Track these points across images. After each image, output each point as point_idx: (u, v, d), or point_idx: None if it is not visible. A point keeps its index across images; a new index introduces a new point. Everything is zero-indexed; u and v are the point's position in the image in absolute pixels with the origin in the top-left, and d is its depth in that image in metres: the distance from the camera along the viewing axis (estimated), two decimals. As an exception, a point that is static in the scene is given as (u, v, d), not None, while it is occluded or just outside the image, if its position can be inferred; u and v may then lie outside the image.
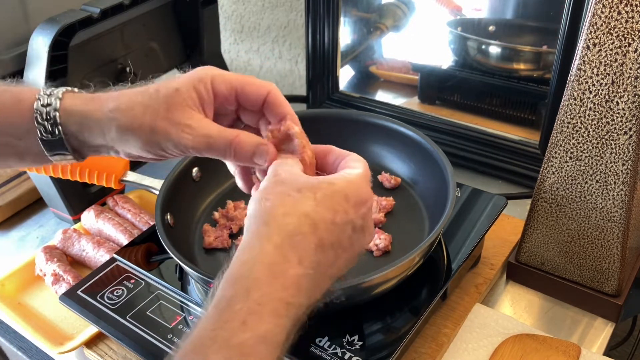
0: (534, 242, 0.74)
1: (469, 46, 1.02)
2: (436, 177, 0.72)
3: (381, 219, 0.74)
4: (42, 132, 0.47)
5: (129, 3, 0.86)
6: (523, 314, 0.74)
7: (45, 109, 0.47)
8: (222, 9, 1.40)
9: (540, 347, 0.67)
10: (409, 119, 1.05)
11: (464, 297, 0.73)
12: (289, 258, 0.40)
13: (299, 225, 0.42)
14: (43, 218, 0.98)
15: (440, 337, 0.68)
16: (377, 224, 0.74)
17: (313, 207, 0.42)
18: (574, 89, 0.62)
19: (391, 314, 0.64)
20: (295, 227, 0.41)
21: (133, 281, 0.71)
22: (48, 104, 0.47)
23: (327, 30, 1.09)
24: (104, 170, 0.76)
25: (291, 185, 0.44)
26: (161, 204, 0.69)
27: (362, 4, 1.13)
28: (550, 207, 0.70)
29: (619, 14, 0.57)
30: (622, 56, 0.58)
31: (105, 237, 0.85)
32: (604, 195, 0.66)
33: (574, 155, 0.66)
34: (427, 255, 0.66)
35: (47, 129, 0.47)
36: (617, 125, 0.61)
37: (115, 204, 0.89)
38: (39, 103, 0.47)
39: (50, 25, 0.78)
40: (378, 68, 1.16)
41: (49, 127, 0.47)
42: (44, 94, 0.48)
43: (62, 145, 0.48)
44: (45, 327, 0.74)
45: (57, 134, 0.47)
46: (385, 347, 0.61)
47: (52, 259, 0.80)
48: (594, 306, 0.73)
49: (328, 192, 0.44)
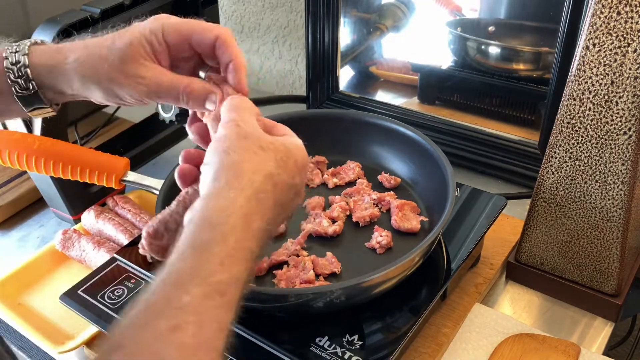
0: (533, 242, 0.74)
1: (468, 46, 1.02)
2: (436, 177, 0.72)
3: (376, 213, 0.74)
4: (18, 90, 0.50)
5: (130, 3, 0.87)
6: (522, 314, 0.74)
7: (15, 67, 0.50)
8: (222, 9, 1.40)
9: (539, 346, 0.67)
10: (409, 119, 1.05)
11: (464, 296, 0.73)
12: (255, 212, 0.44)
13: (264, 184, 0.45)
14: (43, 218, 0.98)
15: (440, 336, 0.68)
16: (373, 218, 0.74)
17: (275, 168, 0.46)
18: (574, 89, 0.63)
19: (391, 313, 0.65)
20: (261, 185, 0.45)
21: (134, 281, 0.71)
22: (17, 61, 0.50)
23: (327, 30, 1.09)
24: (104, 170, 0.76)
25: (254, 142, 0.46)
26: (161, 204, 0.69)
27: (362, 4, 1.13)
28: (550, 207, 0.70)
29: (618, 14, 0.57)
30: (622, 56, 0.58)
31: (106, 237, 0.85)
32: (604, 195, 0.66)
33: (574, 155, 0.66)
34: (427, 255, 0.66)
35: (21, 86, 0.50)
36: (617, 125, 0.61)
37: (115, 204, 0.90)
38: (8, 62, 0.50)
39: (51, 25, 0.78)
40: (378, 68, 1.16)
41: (23, 84, 0.50)
42: (11, 52, 0.50)
43: (38, 99, 0.51)
44: (46, 327, 0.75)
45: (31, 88, 0.50)
46: (385, 347, 0.61)
47: None
48: (594, 306, 0.73)
49: (284, 156, 0.47)
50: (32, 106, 0.52)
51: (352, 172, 0.81)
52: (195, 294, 0.38)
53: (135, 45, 0.50)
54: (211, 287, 0.39)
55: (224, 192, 0.43)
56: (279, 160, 0.46)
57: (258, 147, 0.46)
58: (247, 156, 0.45)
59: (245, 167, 0.45)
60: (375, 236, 0.70)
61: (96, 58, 0.50)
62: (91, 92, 0.51)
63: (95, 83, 0.50)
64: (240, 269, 0.41)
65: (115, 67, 0.49)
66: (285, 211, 0.48)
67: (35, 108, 0.52)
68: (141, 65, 0.50)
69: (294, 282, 0.65)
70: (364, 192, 0.77)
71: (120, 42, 0.50)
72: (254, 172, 0.45)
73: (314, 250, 0.70)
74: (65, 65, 0.50)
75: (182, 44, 0.51)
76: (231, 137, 0.47)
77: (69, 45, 0.51)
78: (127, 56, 0.49)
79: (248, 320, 0.63)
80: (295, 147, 0.49)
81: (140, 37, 0.50)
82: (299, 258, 0.68)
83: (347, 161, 0.82)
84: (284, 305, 0.62)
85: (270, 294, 0.61)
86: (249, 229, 0.43)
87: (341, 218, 0.74)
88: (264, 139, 0.47)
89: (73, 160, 0.75)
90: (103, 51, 0.50)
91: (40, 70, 0.50)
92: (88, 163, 0.76)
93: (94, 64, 0.50)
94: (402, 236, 0.72)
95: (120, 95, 0.51)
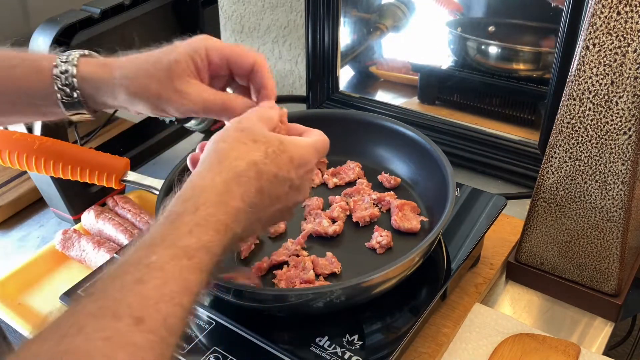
0: (533, 242, 0.74)
1: (468, 46, 1.02)
2: (436, 177, 0.72)
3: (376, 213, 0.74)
4: (63, 96, 0.55)
5: (130, 3, 0.87)
6: (522, 314, 0.74)
7: (63, 76, 0.54)
8: (222, 10, 1.40)
9: (539, 346, 0.67)
10: (409, 119, 1.05)
11: (464, 296, 0.73)
12: (233, 192, 0.47)
13: (247, 170, 0.48)
14: (43, 218, 0.98)
15: (440, 336, 0.68)
16: (373, 218, 0.74)
17: (262, 158, 0.49)
18: (574, 89, 0.63)
19: (391, 313, 0.65)
20: (243, 170, 0.48)
21: (133, 281, 0.71)
22: (65, 70, 0.54)
23: (327, 30, 1.09)
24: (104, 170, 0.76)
25: (248, 135, 0.50)
26: (161, 204, 0.69)
27: (362, 4, 1.13)
28: (550, 207, 0.70)
29: (618, 14, 0.57)
30: (622, 56, 0.58)
31: (106, 237, 0.85)
32: (604, 195, 0.66)
33: (574, 155, 0.66)
34: (427, 255, 0.66)
35: (66, 93, 0.54)
36: (617, 125, 0.61)
37: (115, 204, 0.90)
38: (58, 70, 0.54)
39: (51, 25, 0.78)
40: (378, 68, 1.16)
41: (68, 92, 0.54)
42: (61, 62, 0.54)
43: (80, 106, 0.56)
44: (46, 327, 0.75)
45: (75, 97, 0.55)
46: (385, 347, 0.61)
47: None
48: (594, 306, 0.73)
49: (277, 150, 0.50)
50: (73, 111, 0.56)
51: (352, 172, 0.81)
52: (163, 254, 0.41)
53: (181, 62, 0.53)
54: (179, 249, 0.42)
55: (203, 173, 0.48)
56: (270, 152, 0.49)
57: (250, 140, 0.50)
58: (235, 145, 0.49)
59: (230, 154, 0.48)
60: (375, 236, 0.70)
61: (143, 75, 0.54)
62: (136, 105, 0.55)
63: (144, 99, 0.54)
64: (211, 239, 0.44)
65: (163, 83, 0.53)
66: (280, 202, 0.51)
67: (76, 113, 0.57)
68: (186, 82, 0.54)
69: (294, 282, 0.65)
70: (364, 192, 0.77)
71: (167, 60, 0.54)
72: (236, 159, 0.48)
73: (314, 250, 0.70)
74: (112, 80, 0.54)
75: (222, 64, 0.56)
76: (229, 130, 0.51)
77: (115, 61, 0.56)
78: (174, 73, 0.53)
79: (248, 320, 0.64)
80: (293, 145, 0.52)
81: (185, 55, 0.54)
82: (299, 258, 0.68)
83: (347, 161, 0.82)
84: (284, 305, 0.62)
85: (270, 294, 0.61)
86: (225, 206, 0.46)
87: (341, 218, 0.74)
88: (260, 133, 0.51)
89: (73, 160, 0.75)
90: (150, 68, 0.54)
91: (86, 81, 0.54)
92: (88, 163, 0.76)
93: (142, 80, 0.54)
94: (402, 236, 0.72)
95: (167, 109, 0.55)
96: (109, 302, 0.38)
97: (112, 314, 0.38)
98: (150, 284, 0.40)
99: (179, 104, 0.54)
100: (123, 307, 0.38)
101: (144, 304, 0.39)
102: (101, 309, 0.38)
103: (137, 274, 0.40)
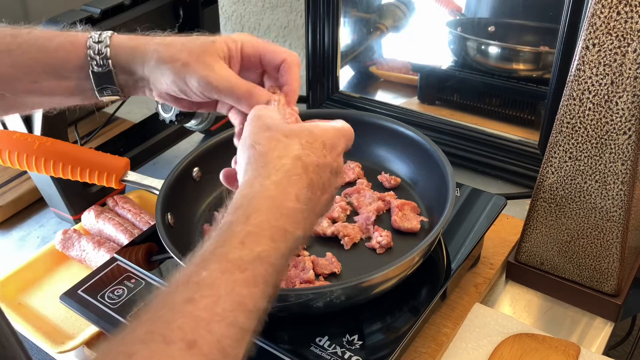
0: (533, 242, 0.74)
1: (468, 46, 1.02)
2: (436, 177, 0.72)
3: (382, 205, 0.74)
4: (94, 66, 0.55)
5: (130, 3, 0.87)
6: (522, 314, 0.74)
7: (97, 45, 0.55)
8: (222, 10, 1.40)
9: (539, 346, 0.67)
10: (409, 119, 1.05)
11: (464, 296, 0.73)
12: (288, 193, 0.45)
13: (294, 167, 0.47)
14: (43, 218, 0.98)
15: (440, 336, 0.68)
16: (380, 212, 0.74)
17: (300, 150, 0.48)
18: (573, 89, 0.63)
19: (391, 313, 0.65)
20: (291, 168, 0.47)
21: (133, 281, 0.71)
22: (100, 40, 0.55)
23: (327, 30, 1.09)
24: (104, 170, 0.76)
25: (277, 130, 0.49)
26: (161, 204, 0.69)
27: (362, 4, 1.13)
28: (550, 207, 0.70)
29: (618, 14, 0.57)
30: (622, 56, 0.58)
31: (106, 237, 0.85)
32: (603, 195, 0.66)
33: (573, 155, 0.66)
34: (426, 255, 0.66)
35: (98, 63, 0.55)
36: (617, 125, 0.61)
37: (115, 204, 0.90)
38: (92, 40, 0.55)
39: (51, 25, 0.78)
40: (378, 68, 1.16)
41: (100, 61, 0.55)
42: (95, 34, 0.56)
43: (110, 79, 0.56)
44: (46, 327, 0.75)
45: (107, 66, 0.55)
46: (385, 347, 0.61)
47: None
48: (594, 306, 0.73)
49: (309, 139, 0.49)
50: (102, 85, 0.56)
51: (352, 172, 0.81)
52: (213, 269, 0.40)
53: (216, 44, 0.55)
54: (230, 263, 0.40)
55: (250, 181, 0.46)
56: (304, 143, 0.49)
57: (282, 135, 0.49)
58: (272, 145, 0.48)
59: (271, 155, 0.47)
60: (375, 236, 0.70)
61: (178, 44, 0.55)
62: (162, 73, 0.54)
63: (170, 65, 0.54)
64: (266, 248, 0.42)
65: (194, 54, 0.54)
66: (327, 191, 0.50)
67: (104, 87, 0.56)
68: (216, 59, 0.54)
69: (294, 282, 0.65)
70: (364, 192, 0.77)
71: (205, 39, 0.55)
72: (279, 158, 0.47)
73: (314, 250, 0.70)
74: (147, 46, 0.55)
75: (254, 57, 0.57)
76: (255, 132, 0.50)
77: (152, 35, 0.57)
78: (208, 49, 0.54)
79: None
80: (319, 130, 0.51)
81: (223, 40, 0.55)
82: (298, 258, 0.68)
83: (347, 161, 0.82)
84: (284, 305, 0.62)
85: (270, 294, 0.61)
86: (280, 209, 0.44)
87: (341, 218, 0.74)
88: (286, 127, 0.50)
89: (73, 160, 0.75)
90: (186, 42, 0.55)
91: (120, 48, 0.55)
92: (88, 163, 0.76)
93: (175, 48, 0.54)
94: (402, 236, 0.72)
95: (189, 82, 0.54)
96: (159, 326, 0.37)
97: (163, 338, 0.36)
98: (201, 303, 0.38)
99: (202, 76, 0.53)
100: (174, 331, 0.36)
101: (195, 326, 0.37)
102: (151, 334, 0.36)
103: (186, 292, 0.38)
